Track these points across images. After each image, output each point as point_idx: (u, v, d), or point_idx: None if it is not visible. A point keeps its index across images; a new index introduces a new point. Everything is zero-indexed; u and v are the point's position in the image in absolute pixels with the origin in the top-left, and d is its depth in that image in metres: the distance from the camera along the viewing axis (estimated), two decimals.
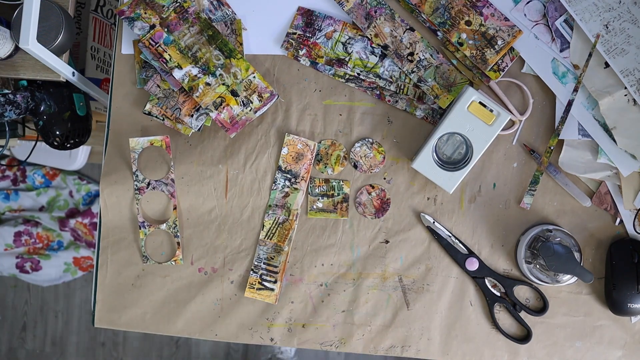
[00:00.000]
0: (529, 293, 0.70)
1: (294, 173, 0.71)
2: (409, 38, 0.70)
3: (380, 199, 0.71)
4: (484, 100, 0.64)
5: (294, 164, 0.71)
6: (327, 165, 0.72)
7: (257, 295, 0.72)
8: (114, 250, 0.74)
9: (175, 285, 0.73)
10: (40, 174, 1.55)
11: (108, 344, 1.65)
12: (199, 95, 0.70)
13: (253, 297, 0.72)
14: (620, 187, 0.68)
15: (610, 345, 0.69)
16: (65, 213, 1.55)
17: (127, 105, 0.74)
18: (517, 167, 0.70)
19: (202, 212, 0.73)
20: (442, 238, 0.70)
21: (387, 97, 0.71)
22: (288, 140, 0.71)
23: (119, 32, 0.74)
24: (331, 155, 0.71)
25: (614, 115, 0.66)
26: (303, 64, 0.72)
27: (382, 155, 0.71)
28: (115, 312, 0.74)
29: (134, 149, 0.72)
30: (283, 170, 0.71)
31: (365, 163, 0.71)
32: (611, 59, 0.67)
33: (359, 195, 0.71)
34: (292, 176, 0.71)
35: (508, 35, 0.69)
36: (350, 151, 0.71)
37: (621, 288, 0.66)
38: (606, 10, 0.67)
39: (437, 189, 0.71)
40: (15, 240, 1.50)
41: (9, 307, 1.67)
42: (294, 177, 0.71)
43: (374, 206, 0.71)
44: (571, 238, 0.67)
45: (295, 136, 0.71)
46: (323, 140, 0.72)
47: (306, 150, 0.71)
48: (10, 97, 0.79)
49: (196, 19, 0.71)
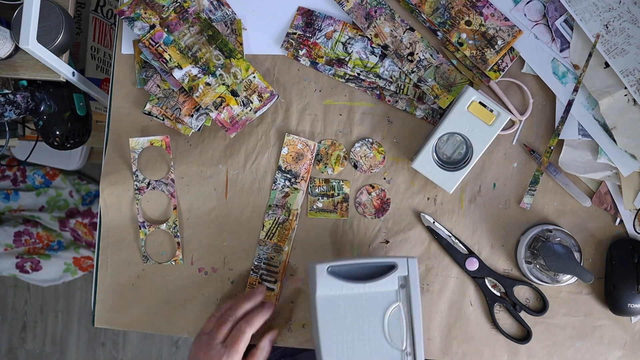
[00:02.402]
0: (529, 293, 0.70)
1: (294, 173, 0.71)
2: (409, 38, 0.70)
3: (380, 199, 0.71)
4: (484, 100, 0.64)
5: (294, 164, 0.71)
6: (327, 165, 0.72)
7: None
8: (114, 250, 0.74)
9: (175, 285, 0.73)
10: (40, 174, 1.55)
11: (108, 344, 1.65)
12: (199, 95, 0.70)
13: None
14: (620, 187, 0.68)
15: (610, 345, 0.69)
16: (65, 213, 1.55)
17: (127, 105, 0.74)
18: (517, 167, 0.70)
19: (202, 212, 0.73)
20: (442, 238, 0.70)
21: (387, 97, 0.71)
22: (288, 140, 0.71)
23: (119, 32, 0.74)
24: (331, 155, 0.71)
25: (614, 115, 0.66)
26: (303, 64, 0.72)
27: (382, 155, 0.71)
28: (115, 312, 0.74)
29: (134, 149, 0.72)
30: (283, 170, 0.71)
31: (365, 163, 0.71)
32: (611, 59, 0.67)
33: (359, 196, 0.71)
34: (292, 176, 0.71)
35: (508, 35, 0.69)
36: (350, 151, 0.71)
37: (621, 288, 0.66)
38: (606, 10, 0.67)
39: (437, 189, 0.71)
40: (15, 240, 1.50)
41: (9, 307, 1.67)
42: (294, 177, 0.71)
43: (374, 206, 0.71)
44: (571, 238, 0.68)
45: (295, 136, 0.71)
46: (323, 140, 0.72)
47: (306, 150, 0.71)
48: (10, 97, 0.79)
49: (196, 19, 0.71)
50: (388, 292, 0.60)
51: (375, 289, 0.59)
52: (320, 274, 0.59)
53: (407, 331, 0.59)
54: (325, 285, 0.59)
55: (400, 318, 0.59)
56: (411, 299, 0.58)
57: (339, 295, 0.59)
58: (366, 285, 0.59)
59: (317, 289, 0.59)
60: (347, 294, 0.59)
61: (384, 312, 0.59)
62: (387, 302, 0.60)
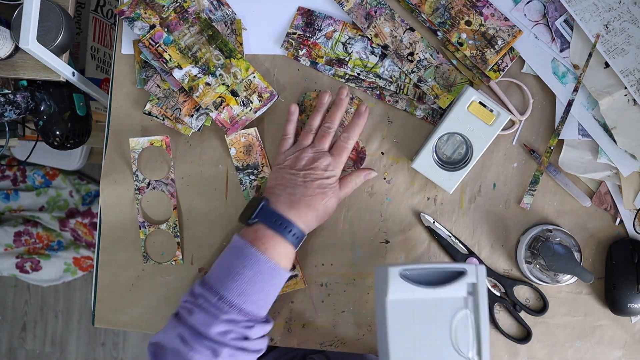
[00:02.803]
0: (529, 293, 0.70)
1: (253, 165, 0.71)
2: (409, 38, 0.70)
3: (355, 149, 0.71)
4: (484, 100, 0.64)
5: (248, 157, 0.71)
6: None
7: None
8: (114, 250, 0.74)
9: (175, 285, 0.73)
10: (40, 174, 1.55)
11: (108, 344, 1.65)
12: (199, 95, 0.70)
13: None
14: (620, 187, 0.68)
15: (610, 345, 0.69)
16: (65, 213, 1.55)
17: (127, 105, 0.74)
18: (517, 167, 0.70)
19: (202, 212, 0.73)
20: (442, 238, 0.70)
21: (387, 97, 0.71)
22: (230, 140, 0.71)
23: (119, 32, 0.74)
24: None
25: (614, 115, 0.66)
26: (303, 64, 0.72)
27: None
28: (115, 312, 0.74)
29: (134, 149, 0.72)
30: (241, 168, 0.71)
31: (347, 119, 0.71)
32: (611, 59, 0.67)
33: None
34: (252, 168, 0.71)
35: (508, 35, 0.69)
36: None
37: (621, 288, 0.66)
38: (606, 10, 0.67)
39: (437, 189, 0.71)
40: (15, 240, 1.50)
41: (9, 307, 1.67)
42: (254, 168, 0.71)
43: (351, 158, 0.71)
44: (571, 238, 0.68)
45: (233, 133, 0.71)
46: (308, 92, 0.72)
47: (250, 139, 0.71)
48: (10, 97, 0.79)
49: (196, 19, 0.71)
50: (456, 298, 0.59)
51: (445, 295, 0.59)
52: (393, 277, 0.58)
53: (474, 338, 0.59)
54: (398, 289, 0.58)
55: (467, 325, 0.58)
56: (479, 306, 0.58)
57: (410, 300, 0.59)
58: (436, 291, 0.59)
59: (388, 292, 0.58)
60: (417, 298, 0.59)
61: (452, 319, 0.59)
62: (455, 309, 0.59)
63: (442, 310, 0.59)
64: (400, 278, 0.58)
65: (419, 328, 0.58)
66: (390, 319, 0.58)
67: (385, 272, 0.58)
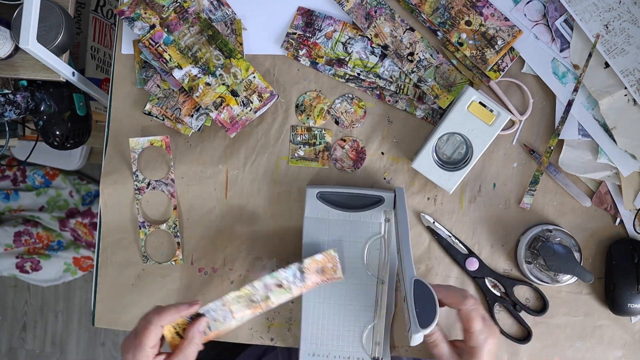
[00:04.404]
0: (529, 293, 0.70)
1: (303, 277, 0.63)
2: (409, 38, 0.70)
3: (355, 149, 0.71)
4: (484, 100, 0.64)
5: (313, 272, 0.64)
6: (310, 117, 0.72)
7: None
8: (114, 250, 0.74)
9: (175, 285, 0.73)
10: (40, 174, 1.55)
11: (108, 344, 1.65)
12: (199, 95, 0.70)
13: None
14: (620, 187, 0.68)
15: (610, 345, 0.69)
16: (65, 213, 1.55)
17: (127, 105, 0.74)
18: (517, 167, 0.70)
19: (202, 212, 0.73)
20: (442, 238, 0.70)
21: (387, 97, 0.71)
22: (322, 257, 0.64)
23: (119, 32, 0.74)
24: (315, 107, 0.71)
25: (614, 115, 0.66)
26: (303, 64, 0.72)
27: (362, 109, 0.71)
28: (115, 312, 0.74)
29: (134, 149, 0.72)
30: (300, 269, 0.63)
31: (347, 119, 0.71)
32: (611, 59, 0.67)
33: (334, 152, 0.71)
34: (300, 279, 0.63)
35: (508, 35, 0.69)
36: (331, 107, 0.71)
37: (621, 288, 0.66)
38: (606, 10, 0.67)
39: (437, 189, 0.71)
40: (15, 240, 1.50)
41: (9, 307, 1.67)
42: (301, 280, 0.63)
43: (350, 158, 0.71)
44: (571, 238, 0.68)
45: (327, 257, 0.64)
46: (308, 92, 0.72)
47: (327, 264, 0.64)
48: (10, 97, 0.79)
49: (196, 19, 0.71)
50: (373, 223, 0.66)
51: (362, 219, 0.65)
52: (310, 198, 0.66)
53: (385, 262, 0.66)
54: (314, 209, 0.66)
55: (380, 249, 0.66)
56: (399, 227, 0.61)
57: (326, 219, 0.66)
58: (352, 214, 0.65)
59: (305, 210, 0.66)
60: (333, 219, 0.66)
61: (366, 242, 0.66)
62: (371, 233, 0.66)
63: (357, 232, 0.66)
64: (316, 199, 0.66)
65: (334, 245, 0.65)
66: (306, 234, 0.66)
67: (305, 192, 0.66)
